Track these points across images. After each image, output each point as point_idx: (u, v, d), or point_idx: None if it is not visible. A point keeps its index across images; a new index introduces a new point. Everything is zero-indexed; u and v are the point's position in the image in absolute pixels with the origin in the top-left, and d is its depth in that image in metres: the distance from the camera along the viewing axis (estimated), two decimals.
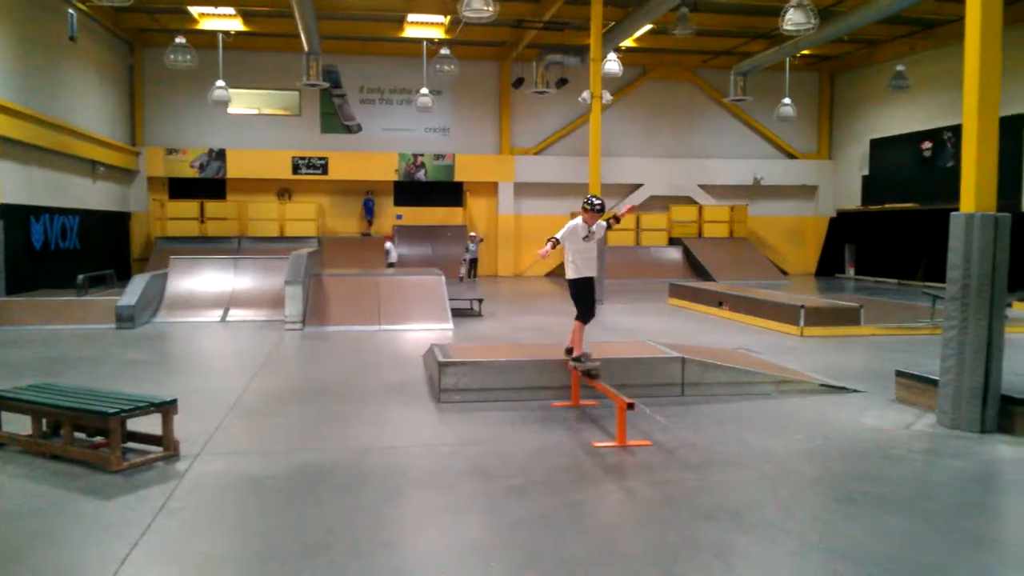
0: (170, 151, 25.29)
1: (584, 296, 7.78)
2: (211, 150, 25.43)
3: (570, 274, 7.81)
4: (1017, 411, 6.75)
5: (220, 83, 22.08)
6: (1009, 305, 15.56)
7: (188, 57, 20.90)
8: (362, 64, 26.10)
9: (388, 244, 23.33)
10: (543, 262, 27.44)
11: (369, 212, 26.27)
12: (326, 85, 22.92)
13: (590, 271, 7.80)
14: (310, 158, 25.78)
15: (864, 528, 4.76)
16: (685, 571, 4.16)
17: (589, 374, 7.43)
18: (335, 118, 26.30)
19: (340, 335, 12.76)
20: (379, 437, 6.77)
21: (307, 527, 4.72)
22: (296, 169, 25.76)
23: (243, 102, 25.81)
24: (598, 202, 7.70)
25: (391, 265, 23.30)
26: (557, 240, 7.61)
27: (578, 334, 7.71)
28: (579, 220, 7.70)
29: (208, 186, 25.73)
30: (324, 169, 25.83)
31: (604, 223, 7.95)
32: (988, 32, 6.86)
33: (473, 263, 24.76)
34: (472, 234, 25.25)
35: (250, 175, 25.64)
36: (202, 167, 25.47)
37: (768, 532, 4.72)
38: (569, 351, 7.80)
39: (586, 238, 7.68)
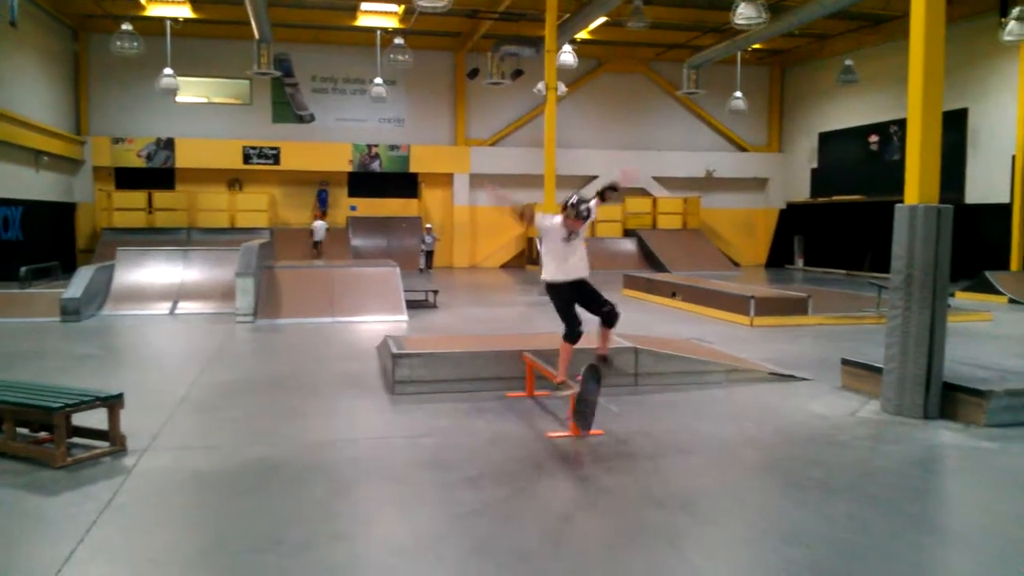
0: (116, 140, 24.72)
1: (559, 306, 6.58)
2: (159, 139, 24.92)
3: (545, 275, 6.54)
4: (958, 397, 6.94)
5: (168, 71, 21.62)
6: (952, 295, 16.03)
7: (135, 44, 20.41)
8: (315, 53, 25.77)
9: (316, 223, 23.74)
10: (500, 253, 27.53)
11: (323, 203, 25.94)
12: (277, 74, 22.57)
13: (567, 274, 6.48)
14: (261, 148, 25.41)
15: (811, 513, 4.86)
16: (636, 557, 4.21)
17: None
18: (287, 108, 25.94)
19: (293, 328, 12.62)
20: (331, 430, 6.71)
21: (257, 522, 4.66)
22: (247, 159, 25.37)
23: (192, 91, 25.31)
24: (586, 209, 6.34)
25: (316, 244, 23.16)
26: (529, 218, 6.43)
27: (561, 354, 6.57)
28: (557, 220, 6.40)
29: (156, 176, 25.21)
30: (276, 159, 25.49)
31: (593, 209, 6.47)
32: (932, 29, 7.01)
33: (429, 255, 24.58)
34: (428, 226, 25.08)
35: (199, 165, 25.20)
36: (150, 157, 24.94)
37: (718, 518, 4.79)
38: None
39: (566, 239, 6.40)
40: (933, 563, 4.27)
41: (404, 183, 26.85)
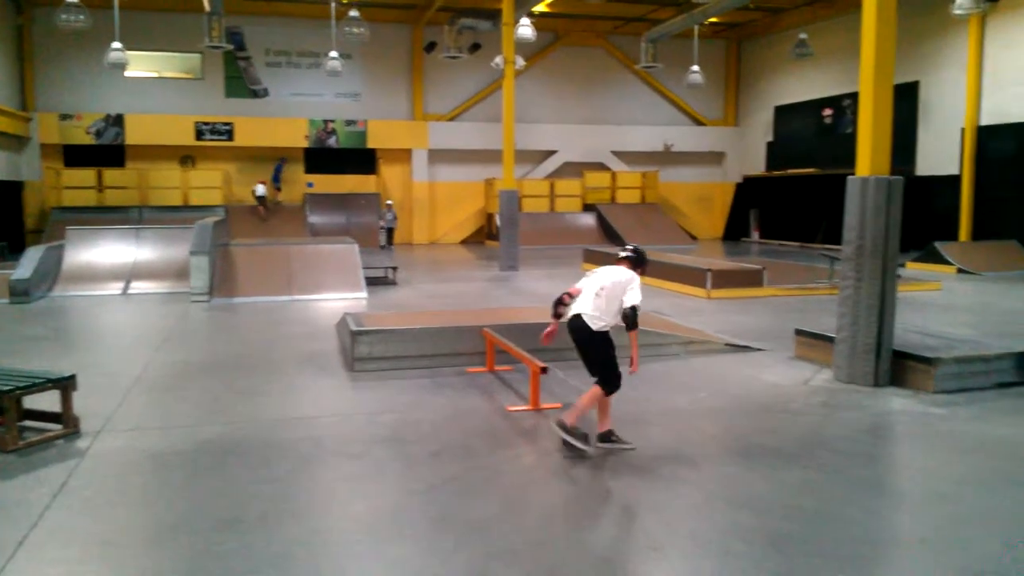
0: (64, 117, 24.01)
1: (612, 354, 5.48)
2: (108, 115, 24.26)
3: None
4: (908, 365, 7.12)
5: (116, 45, 20.94)
6: (902, 265, 16.38)
7: (81, 17, 19.72)
8: (267, 26, 25.25)
9: (257, 185, 24.31)
10: (459, 228, 27.44)
11: (276, 178, 25.34)
12: (230, 47, 22.06)
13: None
14: (214, 123, 24.89)
15: (765, 479, 4.97)
16: (595, 526, 4.27)
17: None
18: (240, 82, 25.43)
19: (250, 306, 12.47)
20: (290, 408, 6.67)
21: (215, 502, 4.63)
22: (200, 135, 24.84)
23: (142, 65, 24.64)
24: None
25: (260, 199, 24.14)
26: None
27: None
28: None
29: (106, 153, 24.56)
30: (229, 135, 25.00)
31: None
32: (883, 2, 7.10)
33: (390, 232, 24.36)
34: (388, 203, 24.83)
35: (151, 141, 24.61)
36: (99, 133, 24.29)
37: (674, 486, 4.87)
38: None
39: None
40: (883, 526, 4.39)
41: (362, 159, 26.53)
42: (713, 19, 25.00)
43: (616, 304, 5.34)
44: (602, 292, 5.38)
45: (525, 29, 20.51)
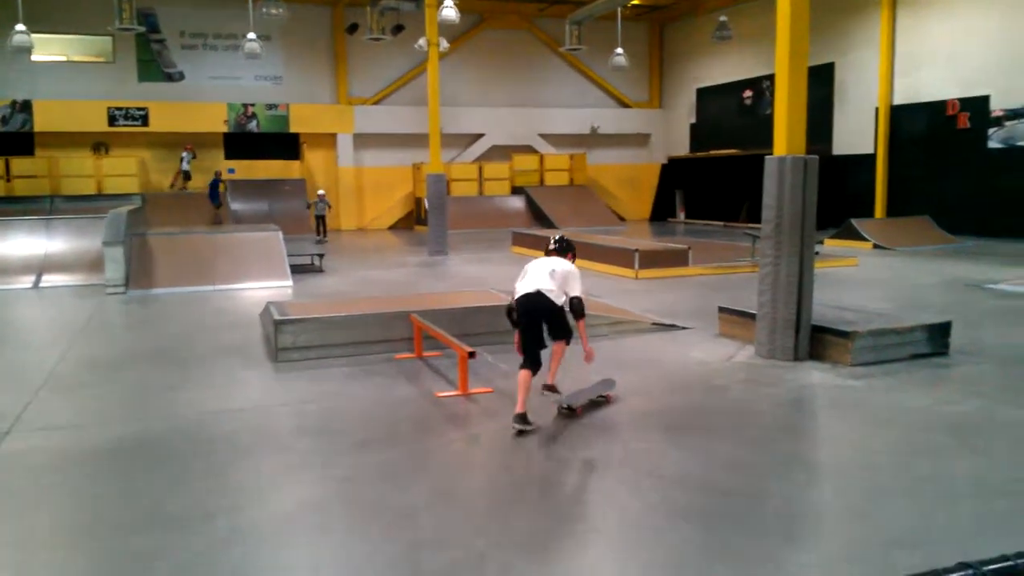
0: None
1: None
2: (15, 102, 23.10)
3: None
4: (826, 339, 7.32)
5: (20, 27, 19.94)
6: (820, 242, 16.85)
7: None
8: (182, 7, 24.38)
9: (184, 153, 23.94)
10: (387, 214, 27.13)
11: (214, 197, 23.72)
12: (142, 29, 21.20)
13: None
14: (128, 109, 23.95)
15: (693, 456, 5.04)
16: (523, 510, 4.27)
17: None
18: (154, 65, 24.51)
19: (169, 297, 12.07)
20: (211, 402, 6.47)
21: (133, 501, 4.47)
22: (113, 121, 23.88)
23: (49, 48, 23.51)
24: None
25: (185, 174, 23.83)
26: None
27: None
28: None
29: (13, 141, 23.38)
30: (144, 120, 24.08)
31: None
32: None
33: (320, 220, 22.85)
34: (320, 192, 22.96)
35: (61, 128, 23.54)
36: (5, 120, 23.12)
37: (604, 465, 4.91)
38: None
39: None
40: (805, 499, 4.51)
41: (284, 144, 25.91)
42: (636, 1, 25.21)
43: (563, 290, 5.73)
44: (555, 274, 5.73)
45: (449, 11, 20.28)
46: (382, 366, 7.44)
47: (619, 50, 24.37)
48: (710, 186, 26.99)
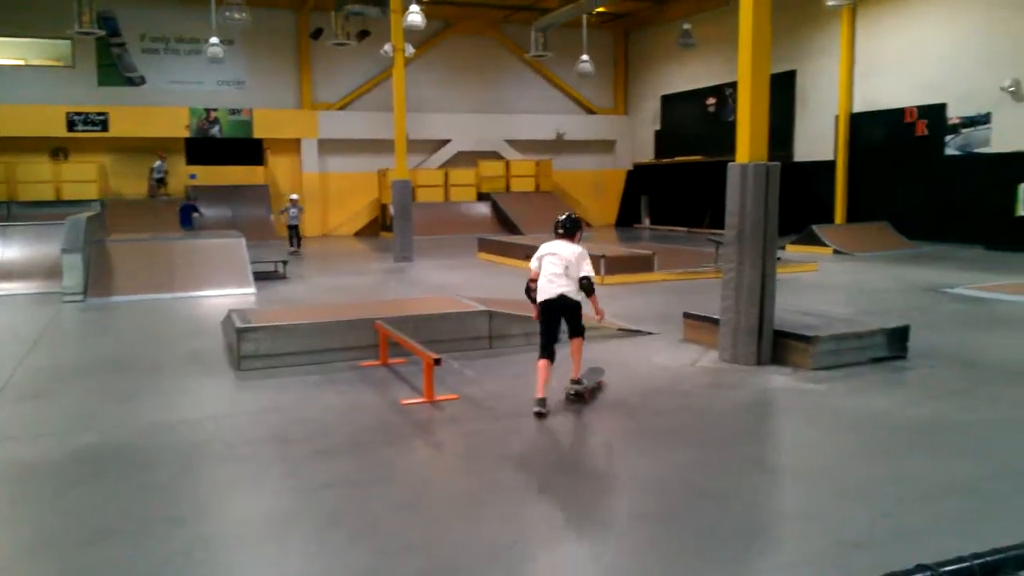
0: None
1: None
2: None
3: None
4: (788, 344, 7.41)
5: None
6: (782, 247, 17.06)
7: None
8: (143, 10, 24.04)
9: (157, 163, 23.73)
10: (352, 220, 26.96)
11: (187, 223, 23.21)
12: (102, 33, 20.86)
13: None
14: (88, 114, 23.53)
15: (657, 460, 5.06)
16: (490, 517, 4.24)
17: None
18: (115, 70, 24.12)
19: (129, 305, 11.87)
20: (172, 411, 6.36)
21: (90, 513, 4.36)
22: (72, 126, 23.44)
23: (6, 52, 23.08)
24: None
25: (160, 182, 23.73)
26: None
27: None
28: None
29: None
30: (104, 126, 23.68)
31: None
32: None
33: (294, 229, 20.75)
34: (293, 197, 21.01)
35: (18, 133, 23.02)
36: None
37: (569, 471, 4.91)
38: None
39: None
40: (766, 502, 4.55)
41: (248, 149, 25.61)
42: (601, 9, 25.35)
43: (575, 276, 6.15)
44: (568, 270, 6.14)
45: (414, 16, 20.24)
46: (347, 374, 7.37)
47: (585, 57, 24.52)
48: (675, 192, 27.21)
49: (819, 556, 3.78)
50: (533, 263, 6.29)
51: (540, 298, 6.18)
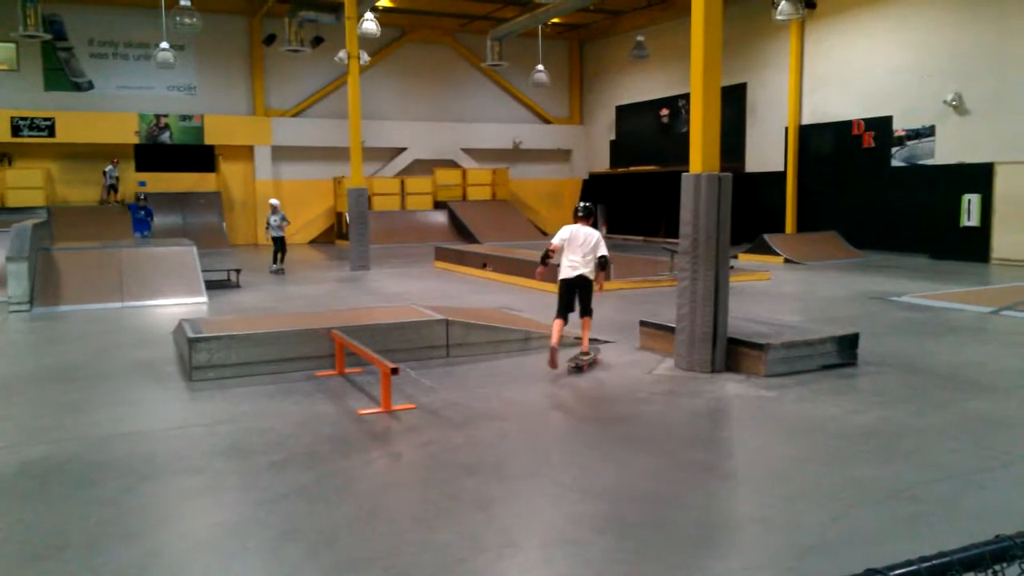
0: None
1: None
2: None
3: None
4: (741, 351, 7.53)
5: None
6: (734, 257, 17.34)
7: None
8: (91, 14, 23.58)
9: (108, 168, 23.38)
10: (308, 228, 26.69)
11: (144, 228, 22.57)
12: (48, 37, 20.42)
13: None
14: (33, 119, 22.97)
15: (614, 467, 5.10)
16: (448, 527, 4.23)
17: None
18: (61, 74, 23.60)
19: (77, 315, 11.59)
20: (121, 423, 6.22)
21: (37, 528, 4.25)
22: (16, 131, 22.86)
23: None
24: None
25: (112, 188, 23.37)
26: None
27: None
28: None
29: None
30: (50, 131, 23.14)
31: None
32: (711, 9, 7.46)
33: (279, 243, 17.63)
34: (274, 202, 18.30)
35: None
36: None
37: (527, 479, 4.92)
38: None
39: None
40: (722, 508, 4.61)
41: (199, 156, 25.26)
42: (556, 20, 25.57)
43: (592, 258, 7.68)
44: (587, 255, 7.67)
45: (369, 24, 20.21)
46: (302, 384, 7.29)
47: (540, 67, 24.68)
48: (631, 201, 27.49)
49: (773, 560, 3.85)
50: (556, 240, 7.85)
51: (562, 277, 7.78)
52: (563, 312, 7.78)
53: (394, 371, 6.21)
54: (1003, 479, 4.91)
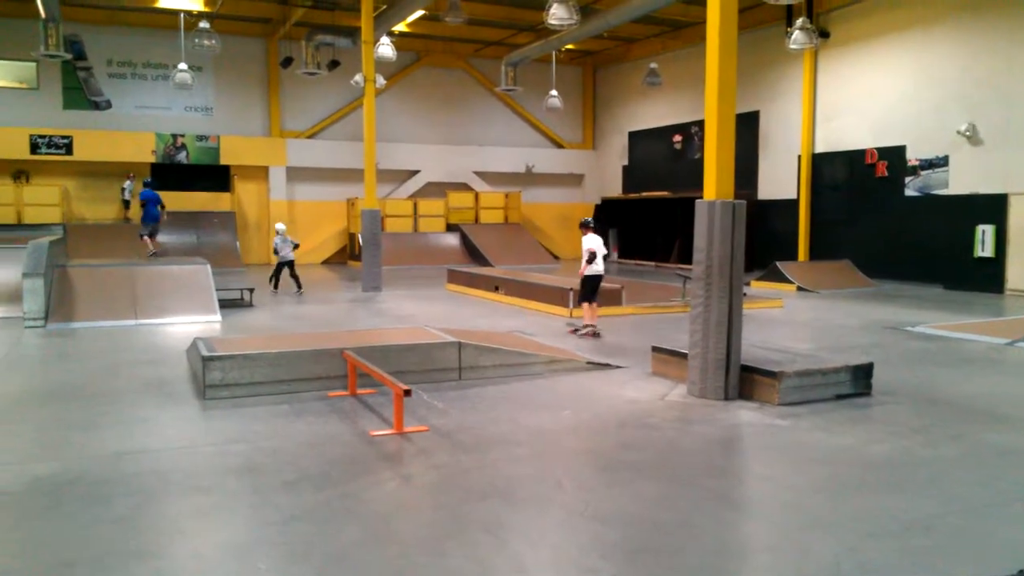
0: None
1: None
2: None
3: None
4: (755, 379, 7.49)
5: None
6: (747, 284, 17.31)
7: None
8: (110, 35, 23.90)
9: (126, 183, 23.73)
10: (321, 248, 26.82)
11: (152, 218, 22.91)
12: (68, 56, 20.61)
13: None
14: (51, 136, 23.23)
15: (625, 494, 5.07)
16: (458, 551, 4.21)
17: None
18: (80, 93, 23.87)
19: (90, 332, 11.66)
20: (134, 441, 6.24)
21: (47, 545, 4.25)
22: (35, 148, 23.12)
23: None
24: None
25: (126, 204, 23.75)
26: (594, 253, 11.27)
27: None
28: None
29: None
30: (68, 149, 23.39)
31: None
32: (726, 38, 7.49)
33: (288, 267, 17.37)
34: (280, 227, 17.97)
35: None
36: None
37: (538, 505, 4.89)
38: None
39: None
40: (733, 536, 4.57)
41: (215, 176, 25.45)
42: (569, 46, 25.77)
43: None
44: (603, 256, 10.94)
45: (385, 48, 20.43)
46: (315, 404, 7.30)
47: (553, 92, 24.84)
48: (643, 226, 27.50)
49: None
50: (595, 247, 11.32)
51: (596, 272, 11.28)
52: (592, 298, 11.26)
53: (407, 393, 6.21)
54: (1019, 513, 4.85)
